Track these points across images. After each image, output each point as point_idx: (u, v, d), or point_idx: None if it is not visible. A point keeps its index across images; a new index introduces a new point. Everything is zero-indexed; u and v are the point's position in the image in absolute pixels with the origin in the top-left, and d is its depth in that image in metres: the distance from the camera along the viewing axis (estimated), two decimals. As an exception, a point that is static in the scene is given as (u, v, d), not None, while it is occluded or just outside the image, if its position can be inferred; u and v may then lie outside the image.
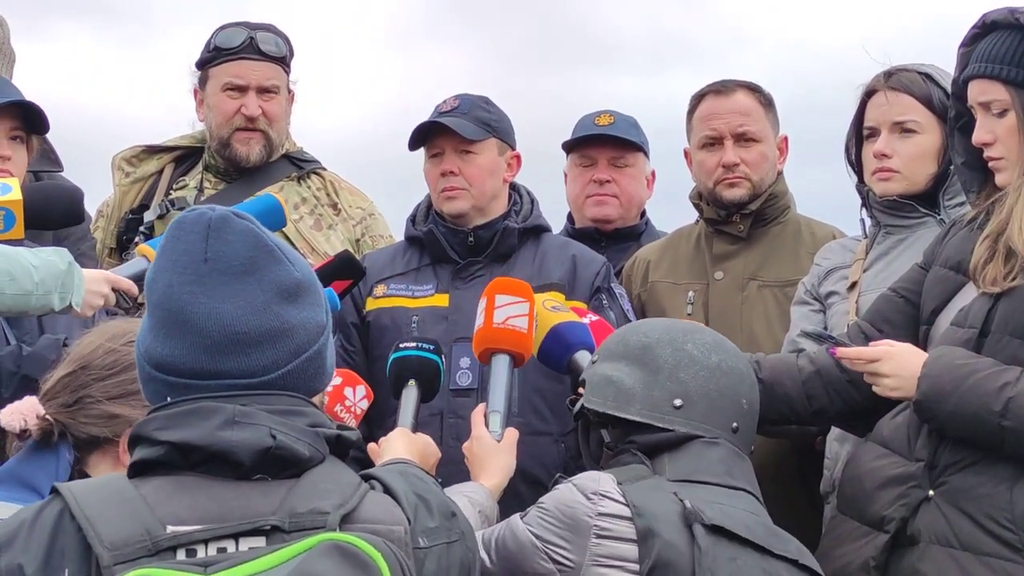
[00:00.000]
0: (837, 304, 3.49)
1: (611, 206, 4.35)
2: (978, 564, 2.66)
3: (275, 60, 4.15)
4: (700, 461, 2.51)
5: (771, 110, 3.92)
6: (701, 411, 2.55)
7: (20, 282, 2.91)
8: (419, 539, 1.96)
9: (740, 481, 2.52)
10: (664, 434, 2.52)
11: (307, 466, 1.92)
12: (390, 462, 2.39)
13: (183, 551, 1.80)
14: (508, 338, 3.02)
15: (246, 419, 1.89)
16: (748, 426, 2.62)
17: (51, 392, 2.37)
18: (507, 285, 3.11)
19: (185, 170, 4.26)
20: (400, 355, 3.03)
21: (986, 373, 2.65)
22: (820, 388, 2.99)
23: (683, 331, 2.65)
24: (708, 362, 2.59)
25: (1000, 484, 2.67)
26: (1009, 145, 2.76)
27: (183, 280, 1.93)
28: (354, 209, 4.26)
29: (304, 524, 1.84)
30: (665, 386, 2.56)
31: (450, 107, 3.74)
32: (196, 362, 1.92)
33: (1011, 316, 2.70)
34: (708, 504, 2.38)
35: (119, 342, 2.38)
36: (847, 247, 3.61)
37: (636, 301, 3.93)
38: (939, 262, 2.93)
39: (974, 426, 2.66)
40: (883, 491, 2.79)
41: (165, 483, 1.89)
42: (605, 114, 4.38)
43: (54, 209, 3.36)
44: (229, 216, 1.97)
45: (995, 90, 2.76)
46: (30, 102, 3.54)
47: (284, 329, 1.95)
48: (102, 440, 2.35)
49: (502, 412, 2.90)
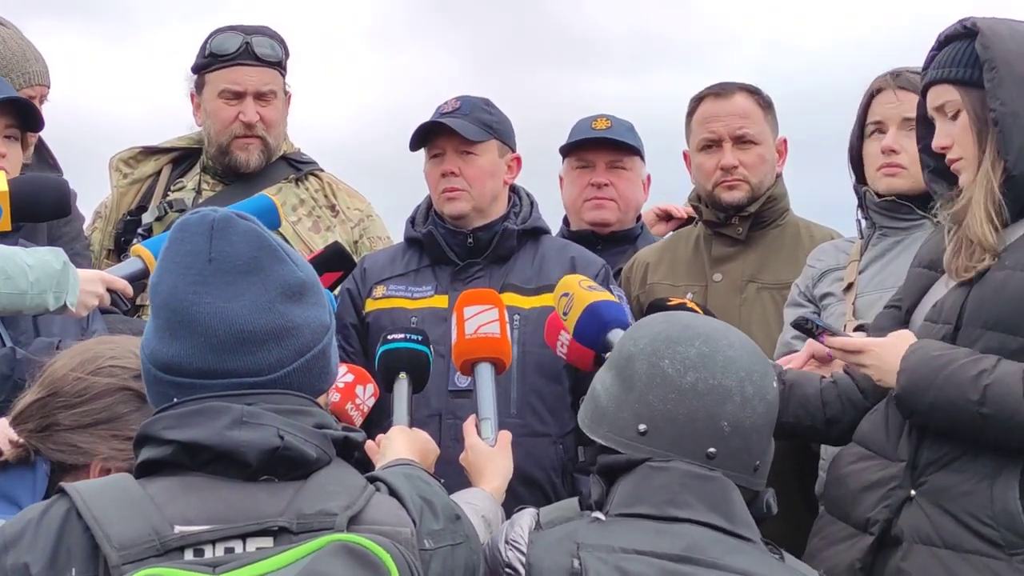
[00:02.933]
0: (833, 306, 3.49)
1: (609, 209, 4.36)
2: (961, 562, 2.67)
3: (271, 64, 4.15)
4: (641, 489, 2.32)
5: (770, 112, 3.92)
6: (667, 438, 2.34)
7: (15, 281, 2.91)
8: (424, 541, 1.98)
9: (686, 510, 2.29)
10: (619, 456, 2.37)
11: (314, 467, 1.93)
12: (393, 463, 2.39)
13: (191, 551, 1.81)
14: (483, 346, 3.03)
15: (254, 419, 1.90)
16: (735, 448, 2.36)
17: (22, 416, 2.35)
18: (473, 296, 3.13)
19: (183, 171, 4.26)
20: (389, 348, 3.03)
21: (962, 363, 2.66)
22: (835, 397, 3.01)
23: (667, 341, 2.41)
24: (681, 383, 2.35)
25: (980, 482, 2.68)
26: (964, 144, 2.78)
27: (188, 281, 1.94)
28: (352, 211, 4.27)
29: (312, 525, 1.84)
30: (633, 408, 2.38)
31: (452, 108, 3.74)
32: (203, 362, 1.93)
33: (981, 307, 2.72)
34: (604, 561, 2.22)
35: (88, 369, 2.34)
36: (840, 248, 3.61)
37: (635, 303, 3.93)
38: (914, 264, 2.97)
39: (954, 416, 2.67)
40: (867, 493, 2.81)
41: (172, 483, 1.89)
42: (602, 118, 4.39)
43: (41, 202, 3.34)
44: (232, 217, 1.98)
45: (947, 93, 2.80)
46: (25, 99, 3.54)
47: (289, 328, 1.96)
48: (70, 466, 2.32)
49: (492, 418, 2.91)
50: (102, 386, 2.30)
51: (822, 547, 2.88)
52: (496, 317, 3.04)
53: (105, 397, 2.29)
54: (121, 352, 2.36)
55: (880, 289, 3.37)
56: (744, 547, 2.29)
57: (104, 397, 2.29)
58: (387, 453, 2.65)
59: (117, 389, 2.31)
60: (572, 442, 3.66)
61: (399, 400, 2.95)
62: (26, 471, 2.35)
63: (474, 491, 2.71)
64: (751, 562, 2.26)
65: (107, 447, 2.29)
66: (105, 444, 2.29)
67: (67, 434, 2.30)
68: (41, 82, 3.91)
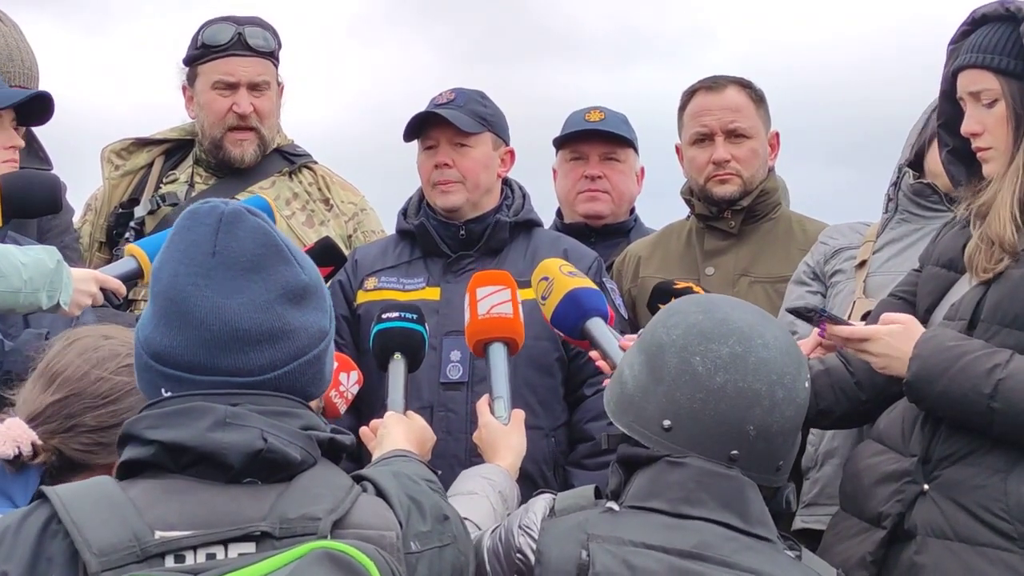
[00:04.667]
0: (843, 283, 3.49)
1: (602, 202, 4.35)
2: (975, 555, 2.67)
3: (264, 55, 4.13)
4: (657, 484, 2.31)
5: (762, 106, 3.91)
6: (690, 436, 2.32)
7: (8, 279, 2.90)
8: (411, 543, 1.96)
9: (700, 507, 2.28)
10: (640, 450, 2.36)
11: (298, 470, 1.91)
12: (388, 454, 2.39)
13: (172, 557, 1.79)
14: (496, 326, 3.02)
15: (237, 420, 1.88)
16: (759, 451, 2.33)
17: (42, 417, 2.32)
18: (486, 277, 3.11)
19: (175, 163, 4.23)
20: (383, 327, 3.00)
21: (976, 355, 2.65)
22: (827, 387, 2.97)
23: (701, 336, 2.36)
24: (710, 384, 2.32)
25: (994, 475, 2.68)
26: (998, 135, 2.75)
27: (189, 272, 1.93)
28: (346, 204, 4.25)
29: (295, 530, 1.83)
30: (660, 402, 2.35)
31: (446, 99, 3.73)
32: (194, 356, 1.91)
33: (1000, 304, 2.70)
34: (612, 554, 2.22)
35: (109, 369, 2.33)
36: (856, 229, 3.60)
37: (627, 296, 3.93)
38: (931, 261, 2.94)
39: (963, 407, 2.66)
40: (880, 487, 2.80)
41: (154, 486, 1.88)
42: (595, 110, 4.38)
43: (33, 198, 3.33)
44: (242, 212, 1.96)
45: (985, 79, 2.76)
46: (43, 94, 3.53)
47: (285, 330, 1.94)
48: (92, 465, 2.30)
49: (505, 397, 2.88)
50: (127, 386, 2.28)
51: (835, 542, 2.88)
52: (508, 297, 3.03)
53: (129, 398, 2.27)
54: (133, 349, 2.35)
55: (894, 272, 3.34)
56: (757, 546, 2.27)
57: (128, 398, 2.28)
58: (384, 442, 2.63)
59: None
60: (564, 435, 3.66)
61: (395, 381, 2.92)
62: (26, 468, 2.34)
63: (490, 466, 2.70)
64: (763, 561, 2.24)
65: None
66: None
67: (93, 434, 2.29)
68: (22, 84, 3.88)
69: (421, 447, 2.65)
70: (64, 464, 2.29)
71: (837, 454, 3.34)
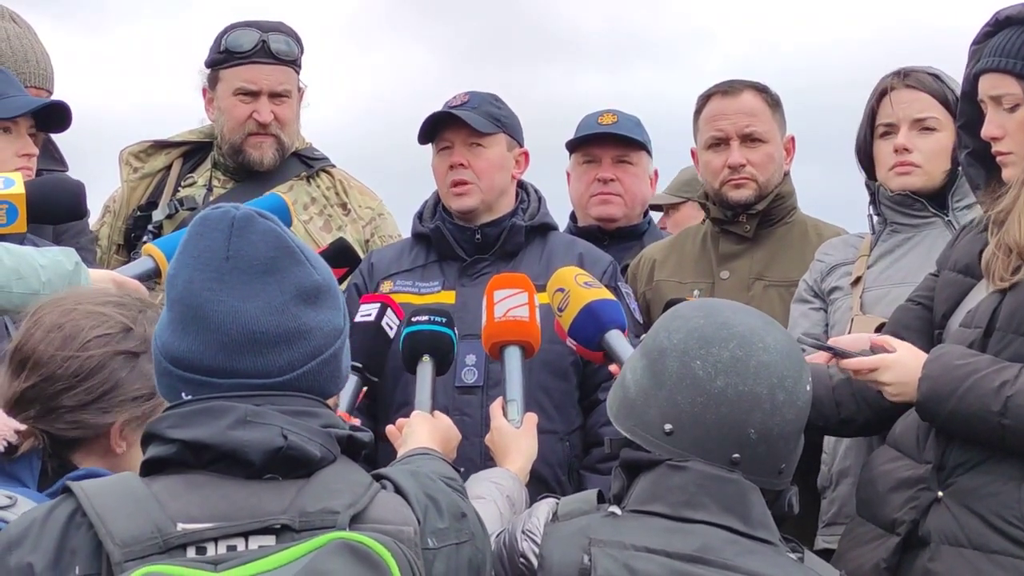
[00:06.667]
0: (840, 300, 3.49)
1: (615, 205, 4.36)
2: (988, 562, 2.67)
3: (287, 63, 4.13)
4: (659, 487, 2.32)
5: (778, 110, 3.91)
6: (692, 440, 2.32)
7: (27, 281, 2.91)
8: (428, 540, 1.97)
9: (701, 511, 2.28)
10: (642, 454, 2.37)
11: (318, 466, 1.93)
12: (412, 452, 2.41)
13: (193, 548, 1.82)
14: (512, 329, 3.03)
15: (258, 419, 1.90)
16: (760, 455, 2.34)
17: (19, 403, 2.31)
18: (503, 280, 3.12)
19: (193, 166, 4.24)
20: (414, 329, 3.02)
21: (984, 373, 2.66)
22: (848, 396, 2.98)
23: (701, 340, 2.36)
24: (710, 387, 2.32)
25: (1008, 483, 2.68)
26: (1019, 140, 2.75)
27: (204, 277, 1.94)
28: (363, 209, 4.25)
29: (314, 523, 1.85)
30: (661, 406, 2.35)
31: (460, 101, 3.75)
32: (213, 360, 1.93)
33: (1016, 313, 2.70)
34: (614, 559, 2.23)
35: (74, 347, 2.30)
36: (850, 243, 3.61)
37: (641, 300, 3.93)
38: (948, 266, 2.94)
39: (974, 425, 2.67)
40: (894, 494, 2.80)
41: (176, 481, 1.90)
42: (608, 113, 4.39)
43: (57, 204, 3.34)
44: (253, 215, 1.98)
45: (1007, 84, 2.76)
46: (60, 103, 3.54)
47: (301, 331, 1.96)
48: (73, 440, 2.31)
49: (519, 400, 2.89)
50: (96, 360, 2.28)
51: (849, 548, 2.89)
52: (525, 301, 3.04)
53: (102, 371, 2.28)
54: (97, 319, 2.33)
55: (888, 284, 3.37)
56: (759, 549, 2.28)
57: (101, 371, 2.28)
58: (408, 441, 2.64)
59: (110, 357, 2.30)
60: (579, 439, 3.67)
61: (422, 383, 2.94)
62: (26, 452, 2.35)
63: (499, 470, 2.71)
64: (765, 564, 2.25)
65: (119, 413, 2.29)
66: (116, 411, 2.29)
67: (73, 414, 2.29)
68: (38, 84, 3.91)
69: (446, 445, 2.67)
70: (56, 442, 2.30)
71: (851, 472, 3.32)
